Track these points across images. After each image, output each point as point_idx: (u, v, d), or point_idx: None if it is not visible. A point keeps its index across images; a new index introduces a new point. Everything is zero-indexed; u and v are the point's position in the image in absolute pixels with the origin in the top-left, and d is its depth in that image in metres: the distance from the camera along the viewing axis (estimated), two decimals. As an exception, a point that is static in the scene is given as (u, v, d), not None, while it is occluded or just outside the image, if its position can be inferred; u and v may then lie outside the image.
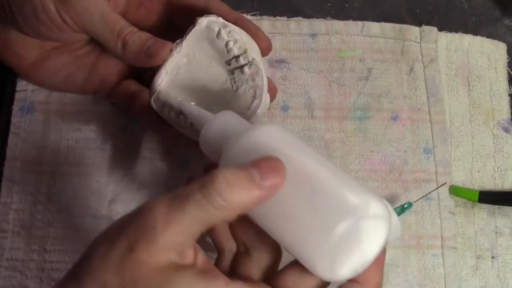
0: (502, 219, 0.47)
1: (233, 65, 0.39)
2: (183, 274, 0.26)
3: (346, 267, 0.28)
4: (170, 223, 0.26)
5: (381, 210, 0.28)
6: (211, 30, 0.39)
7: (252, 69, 0.38)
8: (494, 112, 0.50)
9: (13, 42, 0.42)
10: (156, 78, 0.39)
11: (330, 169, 0.29)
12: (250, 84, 0.38)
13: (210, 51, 0.39)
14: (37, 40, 0.42)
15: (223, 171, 0.27)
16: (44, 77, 0.44)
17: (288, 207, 0.28)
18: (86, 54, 0.43)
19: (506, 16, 0.54)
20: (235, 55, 0.38)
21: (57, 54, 0.43)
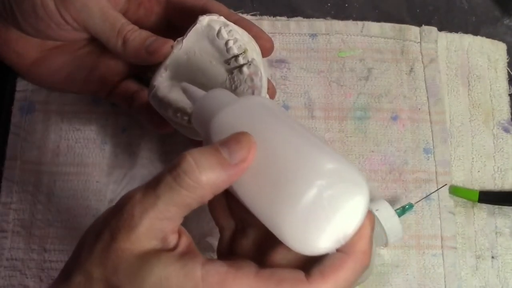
0: (502, 219, 0.47)
1: (232, 65, 0.39)
2: (161, 258, 0.27)
3: (323, 238, 0.27)
4: (146, 208, 0.26)
5: (355, 176, 0.27)
6: (211, 28, 0.39)
7: (251, 69, 0.38)
8: (494, 112, 0.50)
9: (13, 41, 0.42)
10: (155, 75, 0.39)
11: (303, 138, 0.28)
12: (249, 84, 0.38)
13: (210, 50, 0.39)
14: (37, 40, 0.42)
15: (191, 151, 0.27)
16: (44, 76, 0.44)
17: (258, 180, 0.28)
18: (86, 54, 0.43)
19: (506, 16, 0.54)
20: (234, 55, 0.38)
21: (57, 53, 0.43)
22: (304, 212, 0.26)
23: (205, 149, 0.27)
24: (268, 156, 0.28)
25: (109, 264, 0.26)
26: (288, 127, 0.29)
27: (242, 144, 0.27)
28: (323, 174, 0.27)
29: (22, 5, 0.39)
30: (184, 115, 0.38)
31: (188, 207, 0.27)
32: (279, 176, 0.27)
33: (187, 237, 0.29)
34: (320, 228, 0.27)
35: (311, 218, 0.26)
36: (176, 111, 0.38)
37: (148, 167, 0.46)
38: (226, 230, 0.33)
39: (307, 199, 0.26)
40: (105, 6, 0.39)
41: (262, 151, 0.28)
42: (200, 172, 0.26)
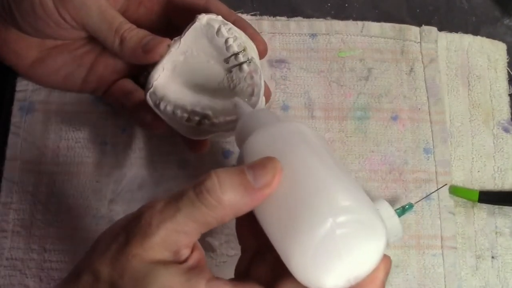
0: (502, 219, 0.47)
1: (231, 63, 0.39)
2: (168, 268, 0.27)
3: (332, 276, 0.26)
4: (165, 219, 0.27)
5: (374, 219, 0.27)
6: (210, 27, 0.39)
7: (251, 67, 0.38)
8: (494, 112, 0.50)
9: (13, 41, 0.42)
10: (153, 73, 0.39)
11: (330, 171, 0.28)
12: (249, 82, 0.38)
13: (209, 49, 0.39)
14: (36, 39, 0.42)
15: (218, 170, 0.27)
16: (43, 76, 0.44)
17: (278, 208, 0.28)
18: (85, 54, 0.43)
19: (506, 16, 0.54)
20: (234, 52, 0.38)
21: (56, 53, 0.43)
22: (315, 246, 0.26)
23: (232, 170, 0.27)
24: (291, 185, 0.28)
25: (118, 267, 0.27)
26: (317, 158, 0.28)
27: (268, 169, 0.27)
28: (339, 211, 0.26)
29: (21, 5, 0.39)
30: (183, 112, 0.38)
31: (207, 225, 0.27)
32: (296, 207, 0.27)
33: (200, 253, 0.29)
34: (329, 265, 0.26)
35: (321, 254, 0.26)
36: (175, 108, 0.38)
37: (148, 167, 0.46)
38: (247, 251, 0.33)
39: (318, 234, 0.26)
40: (103, 4, 0.39)
41: (287, 179, 0.28)
42: (223, 192, 0.27)
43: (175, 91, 0.39)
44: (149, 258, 0.27)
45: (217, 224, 0.28)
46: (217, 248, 0.44)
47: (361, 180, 0.47)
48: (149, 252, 0.27)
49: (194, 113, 0.38)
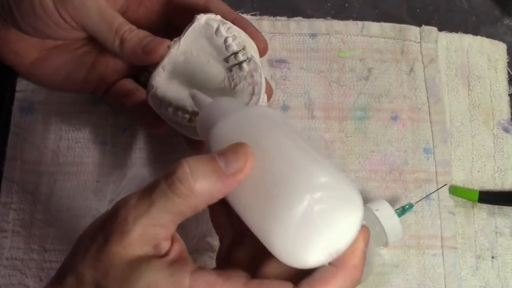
0: (502, 219, 0.47)
1: (231, 62, 0.39)
2: (151, 264, 0.27)
3: (313, 252, 0.27)
4: (140, 214, 0.26)
5: (350, 192, 0.27)
6: (209, 26, 0.39)
7: (251, 66, 0.38)
8: (494, 112, 0.50)
9: (13, 41, 0.42)
10: (153, 74, 0.39)
11: (302, 151, 0.28)
12: (249, 81, 0.38)
13: (208, 49, 0.39)
14: (36, 39, 0.42)
15: (188, 159, 0.27)
16: (43, 76, 0.44)
17: (252, 191, 0.28)
18: (86, 54, 0.43)
19: (506, 16, 0.54)
20: (234, 52, 0.38)
21: (56, 53, 0.43)
22: (294, 225, 0.26)
23: (202, 158, 0.27)
24: (264, 168, 0.28)
25: (100, 267, 0.26)
26: (288, 139, 0.29)
27: (239, 154, 0.27)
28: (315, 188, 0.26)
29: (21, 5, 0.39)
30: (184, 113, 0.38)
31: (182, 215, 0.27)
32: (272, 189, 0.27)
33: (180, 244, 0.29)
34: (310, 242, 0.26)
35: (301, 232, 0.26)
36: (177, 109, 0.38)
37: (148, 167, 0.46)
38: (225, 239, 0.33)
39: (297, 212, 0.26)
40: (103, 5, 0.39)
41: (259, 163, 0.28)
42: (194, 180, 0.27)
43: (176, 91, 0.39)
44: (130, 255, 0.27)
45: (191, 213, 0.28)
46: (217, 248, 0.44)
47: (361, 180, 0.47)
48: (128, 249, 0.26)
49: (195, 113, 0.38)
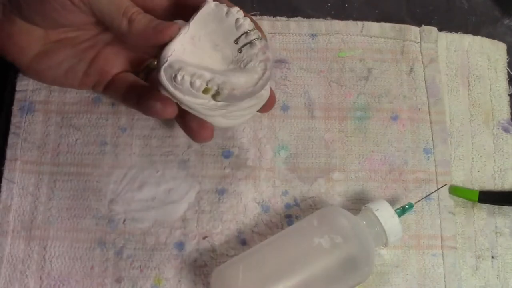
0: (502, 219, 0.47)
1: (242, 42, 0.38)
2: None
3: None
4: None
5: None
6: (220, 9, 0.39)
7: (262, 43, 0.38)
8: (494, 112, 0.50)
9: (16, 34, 0.42)
10: (165, 51, 0.37)
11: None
12: (261, 58, 0.38)
13: (217, 33, 0.39)
14: (39, 32, 0.42)
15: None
16: (44, 70, 0.44)
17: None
18: (88, 48, 0.43)
19: (506, 16, 0.54)
20: (245, 31, 0.38)
21: (59, 47, 0.43)
22: None
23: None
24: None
25: None
26: None
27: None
28: None
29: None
30: (202, 80, 0.37)
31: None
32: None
33: None
34: None
35: None
36: (194, 77, 0.36)
37: (148, 167, 0.46)
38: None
39: None
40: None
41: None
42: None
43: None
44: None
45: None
46: (217, 248, 0.44)
47: (361, 180, 0.47)
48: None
49: (212, 81, 0.37)
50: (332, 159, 0.47)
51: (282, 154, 0.47)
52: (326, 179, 0.47)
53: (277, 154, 0.47)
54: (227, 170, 0.46)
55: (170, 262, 0.44)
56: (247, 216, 0.45)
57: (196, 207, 0.45)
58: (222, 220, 0.45)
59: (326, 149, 0.47)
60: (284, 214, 0.45)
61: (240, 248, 0.44)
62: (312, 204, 0.46)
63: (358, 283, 0.41)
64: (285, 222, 0.45)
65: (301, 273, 0.38)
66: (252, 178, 0.46)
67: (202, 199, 0.45)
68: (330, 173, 0.47)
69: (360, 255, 0.39)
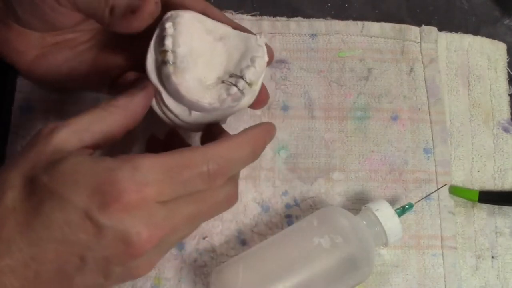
0: (502, 219, 0.47)
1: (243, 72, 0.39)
2: (75, 152, 0.31)
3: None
4: (67, 121, 0.33)
5: None
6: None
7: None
8: (494, 112, 0.50)
9: (14, 38, 0.42)
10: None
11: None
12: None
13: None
14: (37, 36, 0.42)
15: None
16: (44, 74, 0.44)
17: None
18: (86, 50, 0.43)
19: (506, 16, 0.54)
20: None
21: (57, 50, 0.43)
22: None
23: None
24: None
25: (26, 163, 0.30)
26: None
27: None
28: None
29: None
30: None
31: (105, 124, 0.35)
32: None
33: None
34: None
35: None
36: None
37: (148, 167, 0.46)
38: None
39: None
40: None
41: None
42: (116, 99, 0.35)
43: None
44: (54, 150, 0.31)
45: (115, 126, 0.36)
46: (217, 248, 0.44)
47: (361, 180, 0.47)
48: (54, 147, 0.31)
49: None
50: (332, 159, 0.47)
51: (282, 154, 0.47)
52: (326, 179, 0.47)
53: (277, 154, 0.47)
54: (227, 170, 0.46)
55: (170, 262, 0.44)
56: (247, 216, 0.45)
57: (196, 207, 0.45)
58: (222, 220, 0.45)
59: (326, 149, 0.47)
60: (284, 214, 0.45)
61: (240, 248, 0.44)
62: (312, 204, 0.46)
63: (358, 283, 0.41)
64: (285, 222, 0.45)
65: (301, 273, 0.38)
66: (252, 178, 0.46)
67: (202, 199, 0.45)
68: (330, 173, 0.47)
69: (360, 255, 0.39)
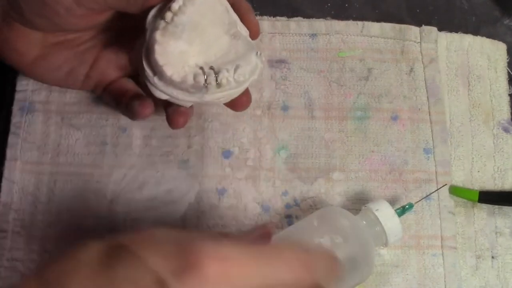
0: (502, 219, 0.47)
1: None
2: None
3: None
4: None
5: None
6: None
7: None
8: (494, 112, 0.50)
9: (14, 39, 0.42)
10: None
11: None
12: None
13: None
14: (38, 36, 0.42)
15: None
16: (45, 73, 0.44)
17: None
18: (88, 50, 0.43)
19: (506, 16, 0.54)
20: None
21: (58, 49, 0.43)
22: None
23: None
24: None
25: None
26: None
27: None
28: None
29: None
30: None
31: None
32: None
33: None
34: None
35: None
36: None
37: (148, 167, 0.46)
38: None
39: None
40: None
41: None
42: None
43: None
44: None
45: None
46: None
47: (361, 180, 0.47)
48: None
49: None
50: (332, 159, 0.47)
51: (282, 154, 0.47)
52: (326, 179, 0.47)
53: (277, 154, 0.47)
54: (227, 170, 0.46)
55: (170, 262, 0.44)
56: (247, 216, 0.45)
57: (196, 207, 0.45)
58: (222, 220, 0.45)
59: (326, 149, 0.47)
60: (284, 214, 0.45)
61: (240, 248, 0.44)
62: (312, 204, 0.46)
63: (358, 283, 0.41)
64: (285, 222, 0.45)
65: None
66: (252, 178, 0.46)
67: (202, 199, 0.45)
68: (330, 173, 0.47)
69: (360, 255, 0.39)
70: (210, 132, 0.47)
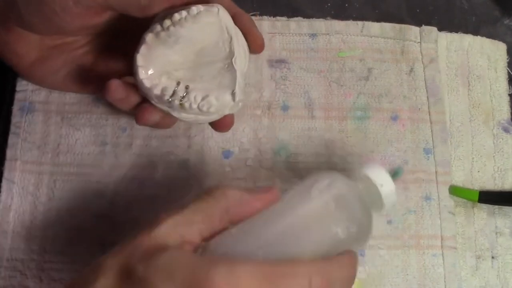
0: (502, 219, 0.47)
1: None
2: (175, 248, 0.30)
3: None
4: (172, 212, 0.31)
5: None
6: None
7: None
8: (494, 112, 0.50)
9: (13, 42, 0.42)
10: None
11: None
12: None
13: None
14: (36, 39, 0.42)
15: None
16: (44, 76, 0.44)
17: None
18: (86, 54, 0.43)
19: (506, 16, 0.54)
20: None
21: (56, 53, 0.43)
22: None
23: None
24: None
25: (124, 253, 0.29)
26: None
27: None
28: None
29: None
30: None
31: (213, 217, 0.31)
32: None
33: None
34: None
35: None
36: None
37: (149, 167, 0.46)
38: None
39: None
40: None
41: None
42: (228, 188, 0.32)
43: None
44: (155, 244, 0.29)
45: (222, 217, 0.31)
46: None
47: (361, 180, 0.47)
48: (153, 241, 0.29)
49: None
50: (332, 159, 0.47)
51: (282, 154, 0.47)
52: (326, 179, 0.47)
53: (277, 154, 0.47)
54: (227, 170, 0.46)
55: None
56: (247, 216, 0.45)
57: (196, 207, 0.45)
58: (222, 220, 0.45)
59: (326, 149, 0.47)
60: (284, 214, 0.45)
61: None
62: (312, 204, 0.46)
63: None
64: (285, 222, 0.45)
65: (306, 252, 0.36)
66: (252, 178, 0.46)
67: (202, 199, 0.45)
68: (330, 173, 0.47)
69: (364, 230, 0.37)
70: (210, 132, 0.47)
